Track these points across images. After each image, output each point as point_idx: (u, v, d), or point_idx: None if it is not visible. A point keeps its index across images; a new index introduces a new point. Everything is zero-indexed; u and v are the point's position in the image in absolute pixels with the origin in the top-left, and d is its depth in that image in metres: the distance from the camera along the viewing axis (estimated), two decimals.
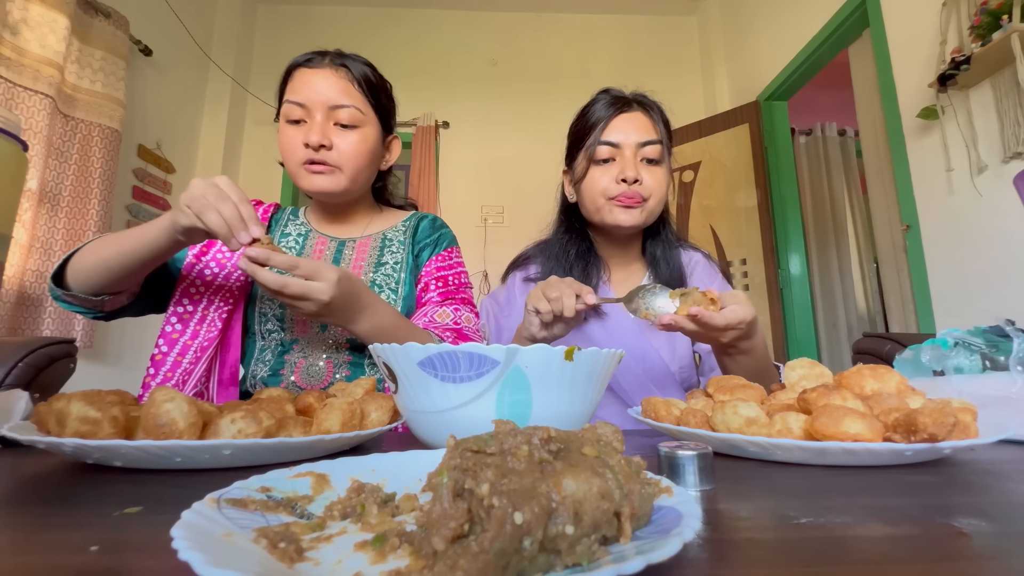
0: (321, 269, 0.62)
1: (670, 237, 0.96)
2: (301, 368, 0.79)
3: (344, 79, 0.80)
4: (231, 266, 0.83)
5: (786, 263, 2.98)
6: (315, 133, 0.78)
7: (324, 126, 0.79)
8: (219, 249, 0.84)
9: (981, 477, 0.37)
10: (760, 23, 3.17)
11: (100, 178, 2.29)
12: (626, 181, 0.83)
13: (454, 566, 0.17)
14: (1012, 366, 0.58)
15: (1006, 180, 1.69)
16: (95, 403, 0.37)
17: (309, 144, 0.78)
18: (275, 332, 0.81)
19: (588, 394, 0.42)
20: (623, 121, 0.86)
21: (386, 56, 3.64)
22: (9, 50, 1.97)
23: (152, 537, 0.24)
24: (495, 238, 3.47)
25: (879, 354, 1.13)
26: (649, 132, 0.86)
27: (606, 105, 0.88)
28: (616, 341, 0.88)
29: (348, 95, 0.80)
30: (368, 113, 0.82)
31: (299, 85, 0.80)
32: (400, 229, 0.92)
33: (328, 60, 0.81)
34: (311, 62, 0.81)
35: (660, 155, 0.86)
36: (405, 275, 0.86)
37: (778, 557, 0.22)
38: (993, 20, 1.63)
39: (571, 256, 0.91)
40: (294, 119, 0.80)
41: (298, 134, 0.79)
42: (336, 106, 0.79)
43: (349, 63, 0.82)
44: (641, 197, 0.84)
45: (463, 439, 0.23)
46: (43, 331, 2.06)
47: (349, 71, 0.81)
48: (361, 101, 0.81)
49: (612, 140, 0.86)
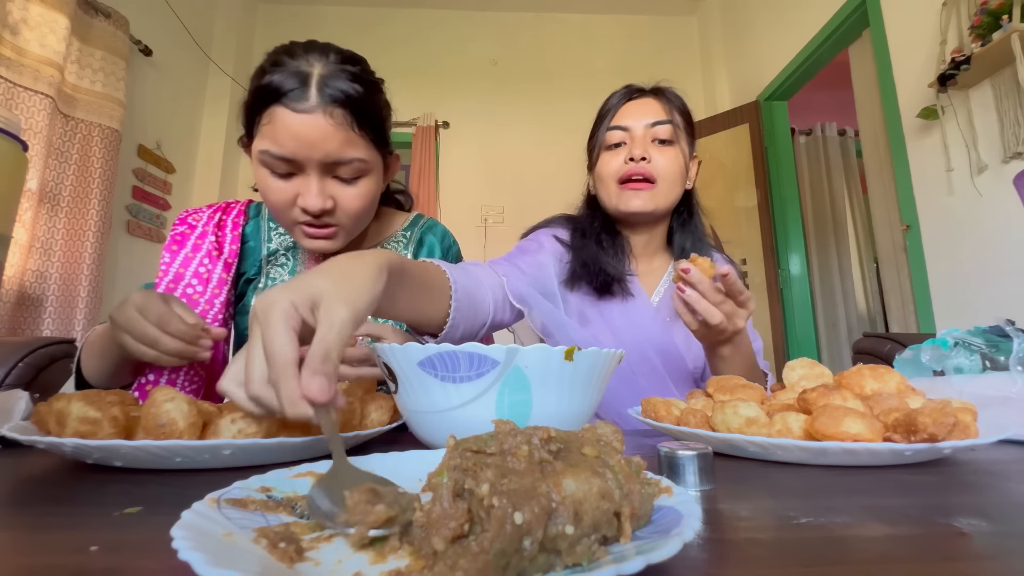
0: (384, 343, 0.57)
1: (700, 228, 0.93)
2: None
3: (343, 126, 0.63)
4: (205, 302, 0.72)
5: (786, 263, 2.98)
6: (313, 198, 0.64)
7: (322, 185, 0.65)
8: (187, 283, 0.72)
9: (981, 477, 0.37)
10: (760, 23, 3.17)
11: (100, 178, 2.29)
12: (633, 159, 0.82)
13: (454, 566, 0.17)
14: (1012, 366, 0.58)
15: (1006, 180, 1.69)
16: (95, 403, 0.38)
17: (307, 210, 0.65)
18: None
19: (588, 394, 0.42)
20: (633, 107, 0.86)
21: (386, 56, 3.64)
22: (9, 50, 1.97)
23: (152, 537, 0.24)
24: (495, 238, 3.48)
25: (879, 354, 1.13)
26: (659, 114, 0.85)
27: (619, 96, 0.89)
28: (635, 329, 0.86)
29: (349, 146, 0.64)
30: (372, 158, 0.68)
31: (283, 134, 0.62)
32: (401, 239, 0.83)
33: (315, 95, 0.62)
34: (292, 98, 0.61)
35: (672, 135, 0.84)
36: None
37: (778, 557, 0.22)
38: (993, 20, 1.63)
39: (597, 227, 0.89)
40: (280, 173, 0.65)
41: (288, 188, 0.65)
42: (335, 162, 0.64)
43: (340, 93, 0.63)
44: (649, 177, 0.82)
45: (463, 439, 0.23)
46: (43, 331, 2.06)
47: (344, 109, 0.63)
48: (364, 149, 0.66)
49: (622, 124, 0.85)
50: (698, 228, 0.93)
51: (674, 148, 0.84)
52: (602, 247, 0.87)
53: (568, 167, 3.47)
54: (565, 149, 3.52)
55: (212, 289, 0.72)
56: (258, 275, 0.78)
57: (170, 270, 0.72)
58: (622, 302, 0.87)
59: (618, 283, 0.86)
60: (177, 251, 0.73)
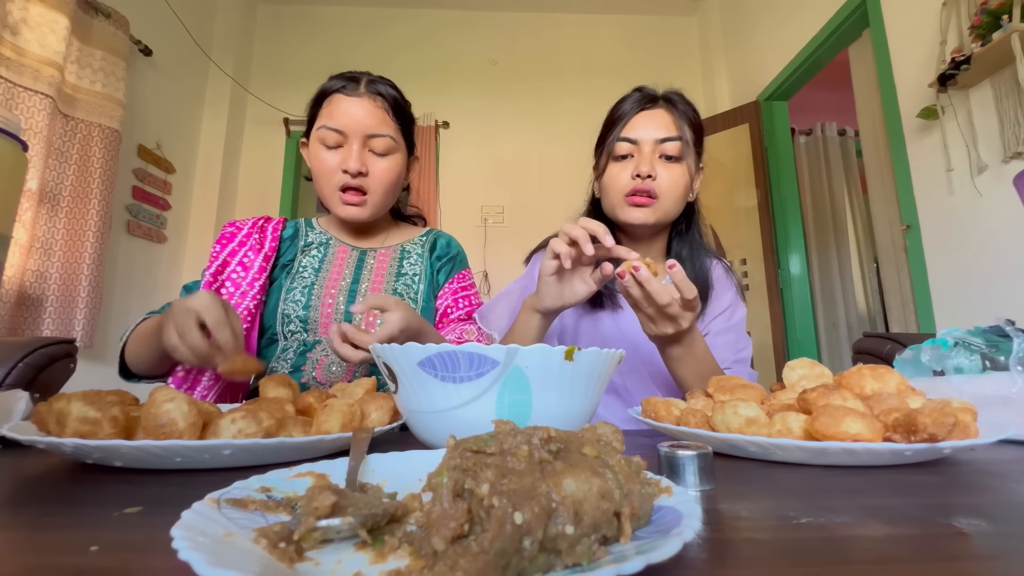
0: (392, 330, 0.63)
1: (697, 237, 0.94)
2: (323, 365, 0.81)
3: (380, 108, 0.84)
4: (246, 284, 0.85)
5: (786, 263, 2.98)
6: (354, 160, 0.82)
7: (361, 153, 0.83)
8: (232, 269, 0.87)
9: (981, 477, 0.37)
10: (760, 23, 3.17)
11: (100, 178, 2.29)
12: (640, 176, 0.83)
13: (454, 566, 0.17)
14: (1012, 366, 0.58)
15: (1006, 180, 1.69)
16: (95, 403, 0.37)
17: (348, 170, 0.82)
18: (298, 333, 0.84)
19: (588, 394, 0.42)
20: (644, 118, 0.86)
21: (386, 56, 3.65)
22: (9, 50, 1.97)
23: (152, 537, 0.24)
24: (495, 238, 3.48)
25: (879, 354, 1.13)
26: (670, 129, 0.85)
27: (632, 102, 0.89)
28: (626, 336, 0.87)
29: (384, 124, 0.85)
30: (399, 141, 0.87)
31: (336, 111, 0.83)
32: (417, 243, 0.97)
33: (364, 87, 0.84)
34: (346, 88, 0.84)
35: (679, 152, 0.85)
36: (424, 286, 0.92)
37: (778, 557, 0.22)
38: (993, 20, 1.63)
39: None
40: (330, 144, 0.83)
41: (335, 159, 0.83)
42: (373, 135, 0.83)
43: (383, 89, 0.85)
44: (653, 193, 0.84)
45: (463, 439, 0.23)
46: (43, 331, 2.06)
47: (384, 99, 0.85)
48: (394, 130, 0.86)
49: (631, 137, 0.86)
50: (696, 237, 0.94)
51: (680, 165, 0.85)
52: None
53: (568, 167, 3.49)
54: (565, 149, 3.53)
55: (252, 274, 0.87)
56: (292, 261, 0.93)
57: (219, 256, 0.87)
58: (612, 313, 0.89)
59: (609, 298, 0.89)
60: (226, 244, 0.89)
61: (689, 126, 0.87)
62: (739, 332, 0.91)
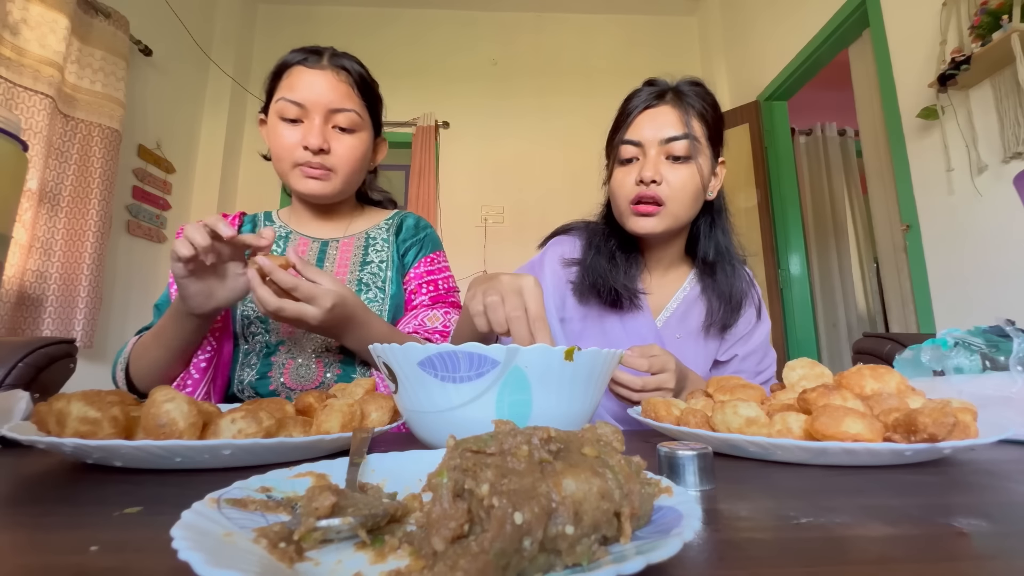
0: (318, 297, 0.61)
1: (723, 240, 0.88)
2: (290, 369, 0.77)
3: (344, 82, 0.79)
4: None
5: (786, 263, 2.98)
6: (314, 136, 0.77)
7: (323, 129, 0.78)
8: None
9: (981, 477, 0.37)
10: (760, 23, 3.17)
11: (100, 178, 2.29)
12: (643, 182, 0.79)
13: (454, 566, 0.17)
14: (1012, 366, 0.58)
15: (1006, 180, 1.69)
16: (95, 403, 0.37)
17: (308, 147, 0.77)
18: (259, 335, 0.79)
19: (588, 394, 0.42)
20: (648, 117, 0.81)
21: (386, 56, 3.65)
22: (9, 50, 1.97)
23: (152, 537, 0.24)
24: (495, 238, 3.47)
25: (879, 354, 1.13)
26: (676, 127, 0.80)
27: (638, 100, 0.84)
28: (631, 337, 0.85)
29: (348, 99, 0.79)
30: (365, 117, 0.82)
31: (297, 83, 0.78)
32: (383, 227, 0.91)
33: (327, 60, 0.80)
34: (308, 60, 0.79)
35: (687, 151, 0.79)
36: (392, 273, 0.85)
37: (778, 557, 0.22)
38: (993, 20, 1.63)
39: (612, 245, 0.87)
40: (290, 118, 0.78)
41: (294, 134, 0.78)
42: (336, 110, 0.78)
43: (347, 64, 0.81)
44: (658, 200, 0.79)
45: (463, 439, 0.23)
46: (43, 331, 2.06)
47: (348, 73, 0.80)
48: (359, 105, 0.81)
49: (634, 139, 0.81)
50: (720, 238, 0.88)
51: (689, 166, 0.80)
52: (614, 263, 0.85)
53: (569, 167, 3.49)
54: (565, 149, 3.54)
55: None
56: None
57: None
58: (621, 315, 0.86)
59: (629, 299, 0.85)
60: None
61: (700, 120, 0.82)
62: (763, 350, 0.88)
